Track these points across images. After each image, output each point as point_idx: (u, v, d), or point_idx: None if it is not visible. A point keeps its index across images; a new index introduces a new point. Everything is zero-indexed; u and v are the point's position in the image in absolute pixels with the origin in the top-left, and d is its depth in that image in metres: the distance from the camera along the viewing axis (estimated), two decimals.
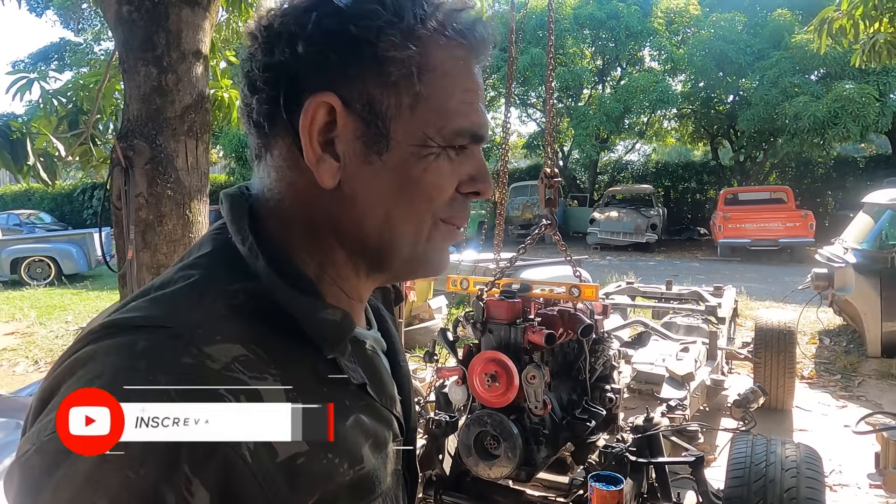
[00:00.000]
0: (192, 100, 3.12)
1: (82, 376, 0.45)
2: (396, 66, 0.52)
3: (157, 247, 3.03)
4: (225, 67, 4.59)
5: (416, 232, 0.56)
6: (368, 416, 0.56)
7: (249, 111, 0.56)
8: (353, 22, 0.51)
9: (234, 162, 20.10)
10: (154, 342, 0.46)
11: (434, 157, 0.54)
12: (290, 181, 0.56)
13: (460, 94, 0.55)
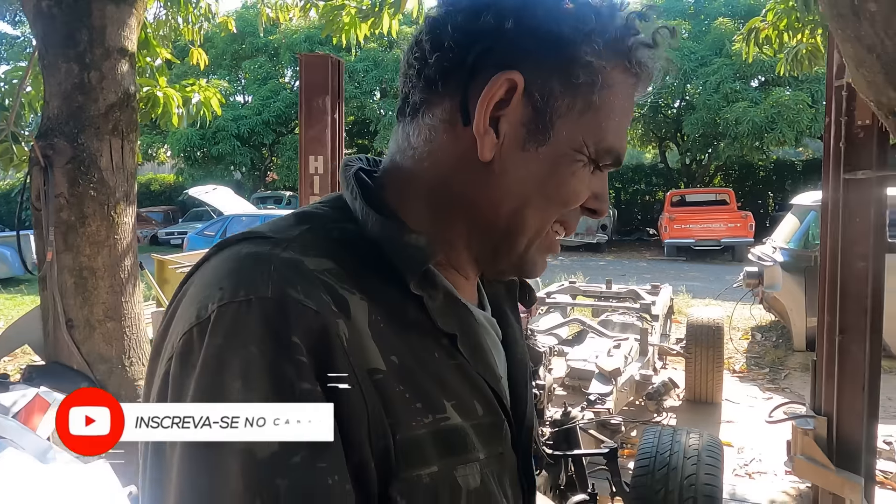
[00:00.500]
0: (118, 98, 3.05)
1: (216, 279, 0.48)
2: (586, 71, 0.54)
3: (80, 248, 2.94)
4: (161, 65, 4.48)
5: (539, 229, 0.57)
6: (455, 374, 0.54)
7: (423, 66, 0.55)
8: (565, 20, 0.53)
9: (182, 162, 19.57)
10: (257, 246, 0.50)
11: (582, 165, 0.56)
12: (440, 144, 0.56)
13: (620, 116, 0.57)
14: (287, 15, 5.88)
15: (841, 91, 2.57)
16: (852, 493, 2.63)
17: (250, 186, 21.44)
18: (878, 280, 2.68)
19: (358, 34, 4.03)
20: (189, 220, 18.21)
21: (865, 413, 2.73)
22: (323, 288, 0.48)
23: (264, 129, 18.81)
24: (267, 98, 19.08)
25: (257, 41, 18.82)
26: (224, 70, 20.62)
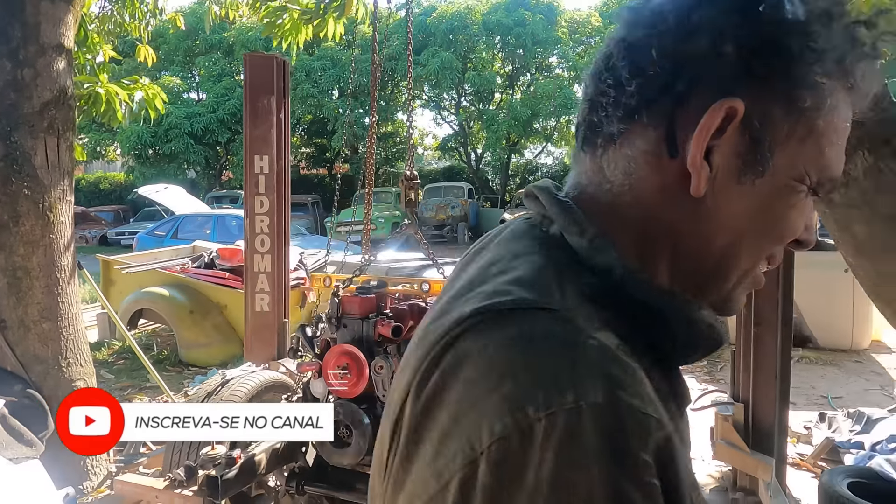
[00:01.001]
0: (53, 95, 3.01)
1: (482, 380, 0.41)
2: (813, 94, 0.47)
3: (13, 248, 2.90)
4: (102, 62, 4.41)
5: (751, 266, 0.52)
6: (682, 434, 0.50)
7: (620, 93, 0.50)
8: (794, 36, 0.46)
9: (133, 160, 19.03)
10: (550, 324, 0.42)
11: (803, 195, 0.50)
12: (643, 177, 0.51)
13: (842, 139, 0.51)
14: (236, 13, 5.84)
15: None
16: (764, 473, 2.83)
17: (205, 185, 20.99)
18: (787, 275, 2.88)
19: (299, 38, 4.06)
20: (141, 219, 17.71)
21: (777, 399, 2.93)
22: (641, 379, 0.41)
23: (219, 127, 18.46)
24: (221, 95, 18.73)
25: (211, 38, 18.45)
26: (177, 66, 20.14)
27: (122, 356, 6.09)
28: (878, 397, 4.61)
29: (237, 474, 2.09)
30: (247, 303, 3.85)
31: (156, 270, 6.19)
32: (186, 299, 5.80)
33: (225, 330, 5.80)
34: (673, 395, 0.49)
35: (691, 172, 0.48)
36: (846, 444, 3.57)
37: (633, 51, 0.50)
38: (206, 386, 2.67)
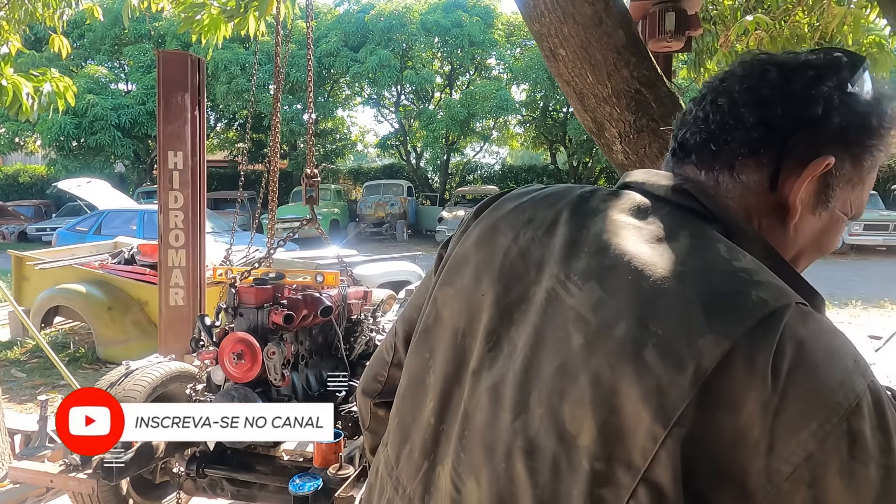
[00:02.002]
0: None
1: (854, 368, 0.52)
2: (871, 159, 0.65)
3: None
4: (6, 54, 4.30)
5: (800, 267, 0.69)
6: None
7: (739, 127, 0.65)
8: (877, 116, 0.64)
9: (54, 152, 18.14)
10: (823, 318, 0.56)
11: (842, 223, 0.68)
12: (748, 203, 0.66)
13: (870, 187, 0.69)
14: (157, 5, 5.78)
15: None
16: None
17: (135, 180, 20.26)
18: None
19: (217, 35, 4.11)
20: (64, 214, 16.93)
21: None
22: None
23: (148, 120, 17.83)
24: (152, 87, 18.06)
25: (140, 27, 17.83)
26: (103, 56, 19.34)
27: (35, 355, 5.92)
28: None
29: (133, 457, 2.18)
30: (161, 297, 3.88)
31: (73, 267, 6.04)
32: (105, 296, 5.70)
33: (145, 326, 5.75)
34: None
35: (790, 207, 0.65)
36: None
37: (761, 104, 0.65)
38: (110, 377, 2.73)
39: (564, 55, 1.59)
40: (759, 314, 0.52)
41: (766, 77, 0.65)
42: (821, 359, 0.51)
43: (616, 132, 1.67)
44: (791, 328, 0.52)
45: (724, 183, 0.66)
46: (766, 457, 0.50)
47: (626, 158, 1.71)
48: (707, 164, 0.67)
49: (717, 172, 0.66)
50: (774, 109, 0.63)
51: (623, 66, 1.61)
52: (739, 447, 0.50)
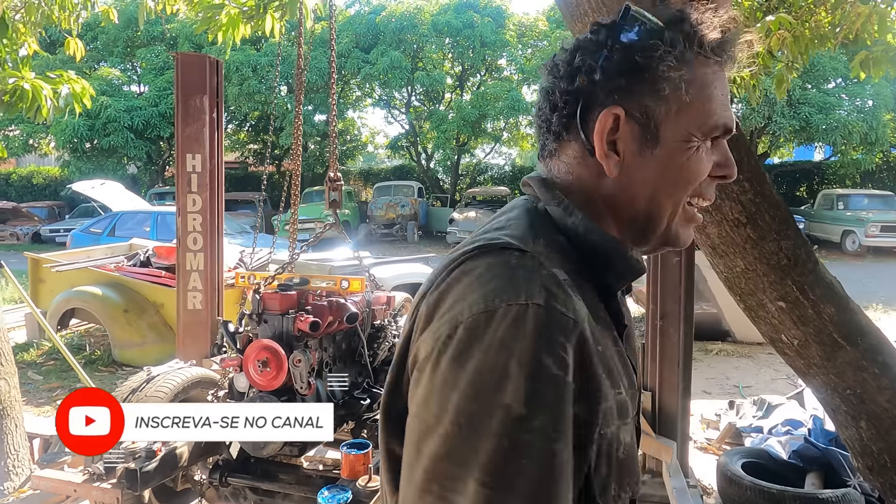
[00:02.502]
0: None
1: (493, 288, 0.60)
2: (669, 83, 0.67)
3: None
4: (26, 56, 4.30)
5: (674, 210, 0.71)
6: (619, 357, 0.69)
7: (549, 124, 0.74)
8: (639, 53, 0.68)
9: (68, 154, 18.25)
10: (522, 258, 0.63)
11: (695, 149, 0.69)
12: (578, 173, 0.73)
13: (716, 96, 0.69)
14: (172, 7, 5.77)
15: None
16: (666, 455, 3.06)
17: (147, 181, 20.35)
18: (689, 273, 3.12)
19: (235, 35, 4.08)
20: (77, 216, 17.03)
21: (680, 387, 3.17)
22: (573, 297, 0.62)
23: (161, 122, 17.92)
24: (164, 89, 18.17)
25: (153, 30, 17.91)
26: (116, 58, 19.44)
27: (51, 357, 5.93)
28: (784, 386, 4.99)
29: (157, 466, 2.14)
30: (179, 301, 3.86)
31: (89, 269, 6.05)
32: (121, 298, 5.69)
33: (161, 329, 5.73)
34: (615, 322, 0.71)
35: (602, 163, 0.71)
36: (748, 428, 3.87)
37: (547, 94, 0.74)
38: (131, 383, 2.69)
39: None
40: (456, 259, 0.67)
41: (555, 65, 0.74)
42: (454, 291, 0.63)
43: None
44: (458, 267, 0.65)
45: (553, 168, 0.75)
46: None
47: None
48: (542, 158, 0.78)
49: (546, 161, 0.76)
50: (555, 94, 0.72)
51: None
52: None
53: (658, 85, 0.68)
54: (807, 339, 1.63)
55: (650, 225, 0.72)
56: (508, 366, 0.56)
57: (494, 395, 0.56)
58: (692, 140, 0.69)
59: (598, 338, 0.63)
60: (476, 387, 0.56)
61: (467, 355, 0.58)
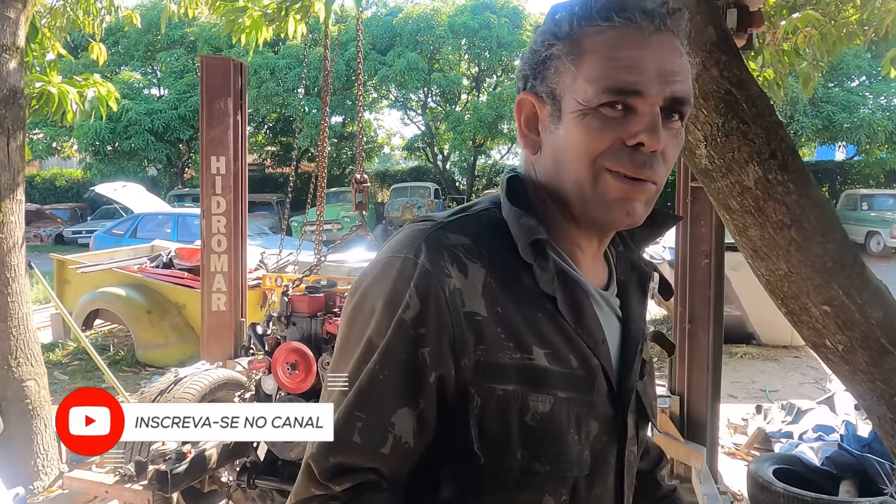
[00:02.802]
0: (3, 95, 3.01)
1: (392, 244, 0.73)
2: (554, 62, 0.72)
3: None
4: (53, 60, 4.36)
5: (574, 178, 0.72)
6: (554, 328, 0.72)
7: None
8: (539, 45, 0.74)
9: (90, 156, 18.54)
10: (424, 226, 0.73)
11: (583, 116, 0.69)
12: (525, 161, 0.80)
13: (605, 62, 0.69)
14: (195, 11, 5.81)
15: None
16: (696, 461, 3.00)
17: (167, 183, 20.59)
18: (718, 275, 3.07)
19: (258, 37, 4.10)
20: (99, 217, 17.28)
21: (710, 391, 3.11)
22: (448, 257, 0.69)
23: (181, 125, 18.14)
24: (184, 92, 18.40)
25: (173, 33, 18.13)
26: (137, 62, 19.71)
27: (76, 357, 6.00)
28: (812, 390, 4.89)
29: (187, 468, 2.15)
30: (203, 302, 3.88)
31: (112, 270, 6.12)
32: (144, 299, 5.75)
33: (183, 330, 5.78)
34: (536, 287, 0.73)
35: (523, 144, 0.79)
36: (777, 433, 3.80)
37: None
38: (159, 384, 2.71)
39: None
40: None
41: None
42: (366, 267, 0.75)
43: (701, 135, 1.57)
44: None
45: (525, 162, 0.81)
46: None
47: (710, 163, 1.61)
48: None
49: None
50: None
51: (712, 65, 1.51)
52: None
53: (547, 65, 0.74)
54: (852, 344, 1.59)
55: (569, 199, 0.74)
56: (372, 299, 0.70)
57: (362, 324, 0.70)
58: (579, 108, 0.70)
59: (500, 300, 0.70)
60: (351, 316, 0.72)
61: (354, 292, 0.74)
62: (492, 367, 0.69)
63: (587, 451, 0.73)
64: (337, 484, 0.68)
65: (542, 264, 0.72)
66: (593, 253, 0.80)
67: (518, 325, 0.70)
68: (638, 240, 0.86)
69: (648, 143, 0.68)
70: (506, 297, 0.70)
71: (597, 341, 0.75)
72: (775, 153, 1.49)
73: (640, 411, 0.81)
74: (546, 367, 0.70)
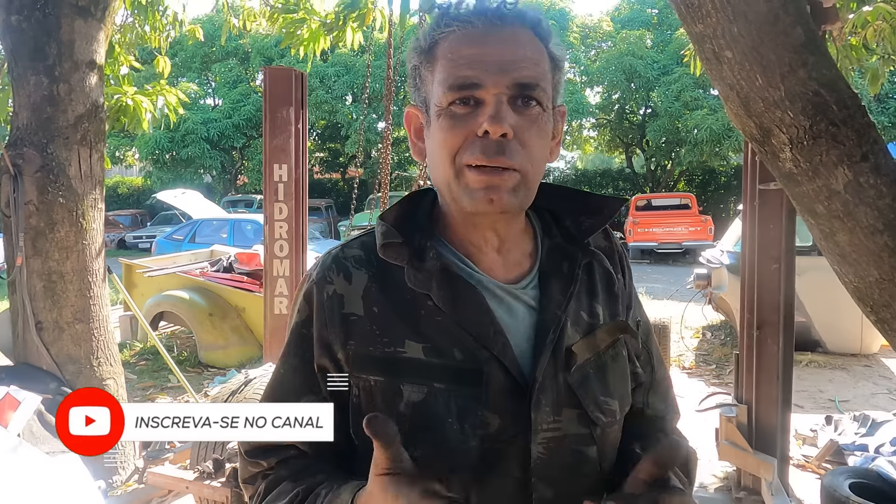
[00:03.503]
0: (86, 109, 3.18)
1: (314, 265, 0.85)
2: (422, 71, 0.79)
3: (49, 253, 3.06)
4: (127, 73, 4.59)
5: (443, 177, 0.76)
6: (434, 324, 0.76)
7: None
8: (409, 60, 0.81)
9: (151, 165, 19.37)
10: (336, 247, 0.85)
11: (439, 117, 0.75)
12: None
13: (448, 63, 0.74)
14: (253, 23, 6.01)
15: None
16: (766, 472, 2.90)
17: (220, 190, 21.30)
18: (789, 280, 2.96)
19: (316, 48, 4.21)
20: (157, 223, 18.04)
21: (780, 401, 3.00)
22: (335, 269, 0.81)
23: (234, 133, 18.75)
24: (237, 101, 19.02)
25: (228, 45, 18.76)
26: (193, 73, 20.48)
27: (143, 357, 6.27)
28: (885, 401, 4.65)
29: None
30: (266, 306, 4.00)
31: (176, 274, 6.37)
32: (206, 302, 5.97)
33: (242, 332, 5.96)
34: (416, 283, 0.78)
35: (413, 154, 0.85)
36: (850, 446, 3.63)
37: None
38: (230, 385, 2.81)
39: (731, 57, 1.47)
40: None
41: None
42: None
43: (786, 139, 1.53)
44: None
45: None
46: None
47: (795, 167, 1.56)
48: None
49: None
50: None
51: (800, 66, 1.47)
52: None
53: (418, 76, 0.80)
54: None
55: (446, 197, 0.79)
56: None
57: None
58: (436, 110, 0.75)
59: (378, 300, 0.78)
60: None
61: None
62: (362, 359, 0.76)
63: (474, 442, 0.73)
64: (265, 460, 0.80)
65: (417, 264, 0.77)
66: (497, 247, 0.81)
67: (393, 321, 0.76)
68: (584, 229, 0.86)
69: (491, 129, 0.71)
70: (384, 298, 0.78)
71: (485, 334, 0.75)
72: (867, 156, 1.44)
73: (575, 405, 0.77)
74: (420, 359, 0.75)
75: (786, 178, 1.63)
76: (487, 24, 0.75)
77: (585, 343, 0.81)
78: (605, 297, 0.86)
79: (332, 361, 0.78)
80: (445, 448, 0.73)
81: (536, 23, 0.77)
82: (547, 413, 0.76)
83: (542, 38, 0.78)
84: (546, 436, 0.76)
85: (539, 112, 0.75)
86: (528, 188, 0.76)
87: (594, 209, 0.85)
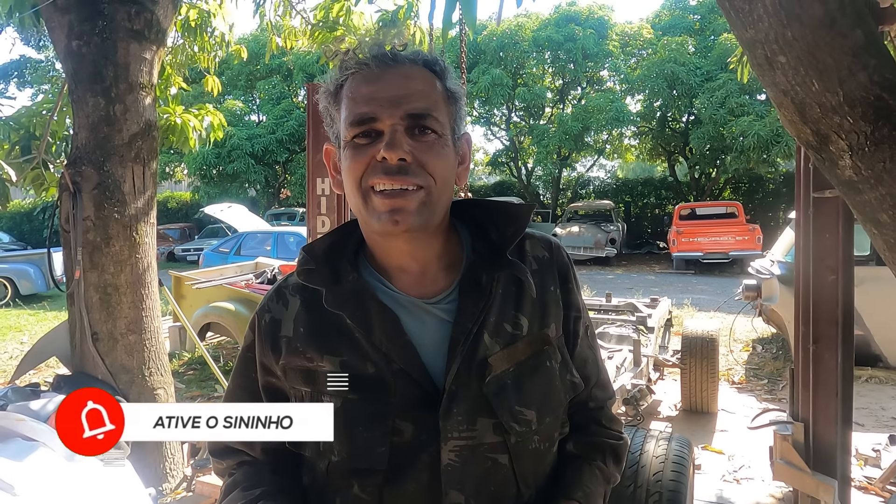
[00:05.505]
0: (140, 128, 3.31)
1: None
2: (331, 111, 0.87)
3: (105, 267, 3.19)
4: (176, 93, 4.76)
5: (355, 203, 0.85)
6: (350, 340, 0.85)
7: None
8: (321, 103, 0.90)
9: (198, 180, 20.02)
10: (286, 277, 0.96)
11: (345, 149, 0.84)
12: None
13: (349, 102, 0.83)
14: (294, 42, 6.17)
15: None
16: (826, 494, 2.76)
17: (264, 203, 21.85)
18: (847, 292, 2.82)
19: None
20: (204, 236, 18.62)
21: (839, 418, 2.85)
22: (276, 297, 0.94)
23: (278, 148, 19.23)
24: (280, 117, 19.52)
25: (271, 63, 19.31)
26: (239, 91, 21.15)
27: (191, 367, 6.45)
28: None
29: None
30: None
31: (222, 286, 6.54)
32: (251, 313, 6.07)
33: None
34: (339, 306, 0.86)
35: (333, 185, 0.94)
36: None
37: None
38: None
39: (785, 62, 1.42)
40: None
41: None
42: None
43: (845, 145, 1.46)
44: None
45: None
46: None
47: (855, 174, 1.49)
48: None
49: None
50: None
51: (860, 69, 1.41)
52: None
53: (329, 117, 0.88)
54: None
55: (360, 221, 0.88)
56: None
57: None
58: (343, 143, 0.84)
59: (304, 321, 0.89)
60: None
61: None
62: (292, 372, 0.88)
63: (384, 448, 0.80)
64: (225, 461, 0.95)
65: (334, 288, 0.86)
66: (414, 266, 0.88)
67: (314, 339, 0.87)
68: (507, 238, 0.90)
69: (388, 156, 0.79)
70: (310, 319, 0.89)
71: (397, 347, 0.83)
72: None
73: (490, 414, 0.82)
74: (336, 372, 0.84)
75: (845, 186, 1.56)
76: (381, 65, 0.83)
77: (505, 354, 0.85)
78: (533, 309, 0.89)
79: (275, 377, 0.91)
80: (357, 453, 0.82)
81: (431, 62, 0.86)
82: (459, 422, 0.81)
83: (438, 75, 0.85)
84: (458, 444, 0.81)
85: (435, 139, 0.82)
86: (432, 208, 0.82)
87: (513, 217, 0.91)
